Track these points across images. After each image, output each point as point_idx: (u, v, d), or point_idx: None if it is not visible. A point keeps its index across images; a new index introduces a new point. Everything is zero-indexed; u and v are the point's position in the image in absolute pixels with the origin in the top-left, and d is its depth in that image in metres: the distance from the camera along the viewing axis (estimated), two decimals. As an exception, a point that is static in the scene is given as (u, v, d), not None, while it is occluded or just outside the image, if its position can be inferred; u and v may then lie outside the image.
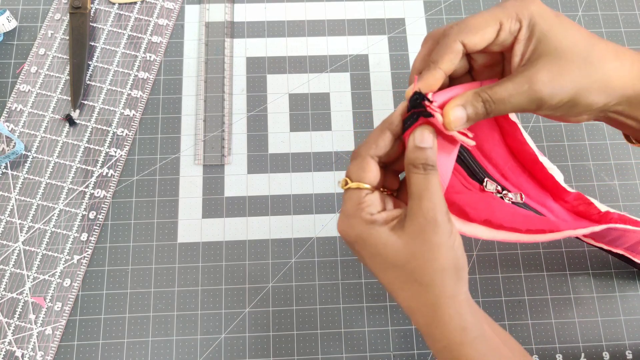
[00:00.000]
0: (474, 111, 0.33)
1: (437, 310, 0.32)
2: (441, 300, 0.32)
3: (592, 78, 0.33)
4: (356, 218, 0.33)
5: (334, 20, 0.62)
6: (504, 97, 0.33)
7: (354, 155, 0.35)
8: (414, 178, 0.33)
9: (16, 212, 0.53)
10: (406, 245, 0.32)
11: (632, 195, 0.56)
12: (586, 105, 0.33)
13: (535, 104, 0.33)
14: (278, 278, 0.53)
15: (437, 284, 0.32)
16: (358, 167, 0.34)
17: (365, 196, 0.34)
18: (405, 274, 0.33)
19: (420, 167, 0.33)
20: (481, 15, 0.34)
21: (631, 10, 0.64)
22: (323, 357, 0.51)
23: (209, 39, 0.60)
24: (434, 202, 0.32)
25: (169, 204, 0.55)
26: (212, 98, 0.58)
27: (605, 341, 0.52)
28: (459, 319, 0.32)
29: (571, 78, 0.32)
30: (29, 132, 0.56)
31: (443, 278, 0.32)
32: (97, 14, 0.60)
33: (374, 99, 0.59)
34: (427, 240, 0.32)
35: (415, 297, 0.33)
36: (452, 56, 0.34)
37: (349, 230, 0.34)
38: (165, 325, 0.51)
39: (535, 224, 0.40)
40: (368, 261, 0.34)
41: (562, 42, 0.33)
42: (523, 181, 0.43)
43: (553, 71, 0.32)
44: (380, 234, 0.33)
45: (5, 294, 0.51)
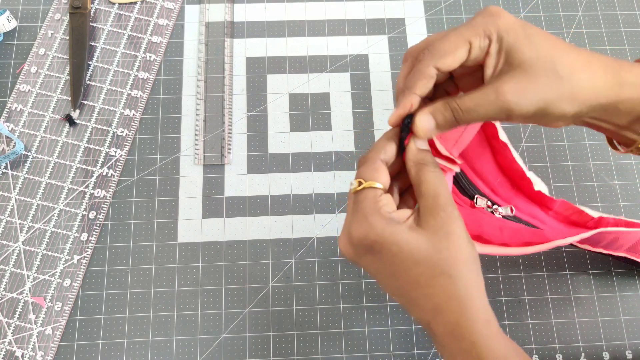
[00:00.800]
0: (443, 119, 0.35)
1: (465, 302, 0.32)
2: (470, 291, 0.32)
3: (560, 89, 0.33)
4: (375, 216, 0.33)
5: (334, 20, 0.62)
6: (471, 106, 0.34)
7: (363, 160, 0.36)
8: (427, 175, 0.34)
9: (16, 212, 0.53)
10: (429, 239, 0.33)
11: (632, 195, 0.56)
12: (557, 115, 0.34)
13: (504, 113, 0.33)
14: (278, 278, 0.53)
15: (464, 275, 0.32)
16: (371, 169, 0.35)
17: (380, 195, 0.34)
18: (430, 269, 0.32)
19: (430, 165, 0.34)
20: (450, 38, 0.35)
21: (631, 10, 0.64)
22: (323, 357, 0.51)
23: (209, 39, 0.60)
24: (449, 198, 0.33)
25: (169, 204, 0.55)
26: (212, 98, 0.58)
27: (605, 341, 0.52)
28: (484, 312, 0.33)
29: (538, 89, 0.33)
30: (29, 132, 0.56)
31: (469, 269, 0.33)
32: (97, 14, 0.60)
33: (374, 99, 0.59)
34: (450, 233, 0.33)
35: (443, 291, 0.32)
36: (425, 81, 0.35)
37: (368, 230, 0.33)
38: (165, 325, 0.51)
39: (524, 237, 0.40)
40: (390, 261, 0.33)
41: (528, 55, 0.33)
42: (512, 195, 0.44)
43: (520, 82, 0.33)
44: (402, 231, 0.33)
45: (5, 294, 0.51)
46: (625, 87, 0.33)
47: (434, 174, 0.34)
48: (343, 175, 0.56)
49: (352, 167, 0.56)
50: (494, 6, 0.35)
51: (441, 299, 0.33)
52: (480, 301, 0.33)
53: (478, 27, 0.34)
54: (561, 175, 0.57)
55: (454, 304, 0.32)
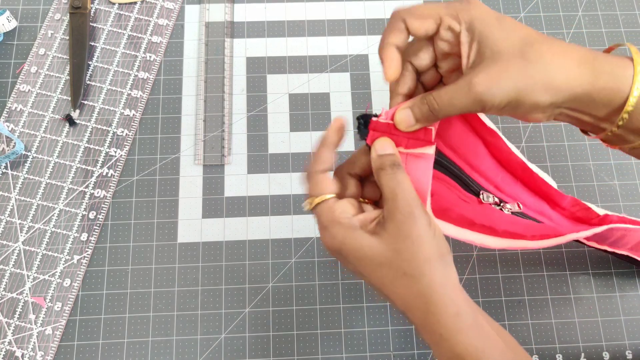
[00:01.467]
0: (420, 112, 0.35)
1: (430, 299, 0.33)
2: (433, 288, 0.33)
3: (533, 78, 0.33)
4: (334, 226, 0.35)
5: (334, 20, 0.62)
6: (446, 100, 0.34)
7: (304, 178, 0.37)
8: (384, 179, 0.35)
9: (16, 212, 0.53)
10: (389, 243, 0.34)
11: (632, 195, 0.56)
12: (532, 105, 0.34)
13: (478, 105, 0.34)
14: (278, 278, 0.53)
15: (426, 274, 0.33)
16: (312, 184, 0.36)
17: (334, 204, 0.35)
18: (393, 271, 0.34)
19: (387, 168, 0.35)
20: (426, 6, 0.36)
21: (631, 10, 0.64)
22: (323, 357, 0.51)
23: (209, 39, 0.60)
24: (407, 198, 0.34)
25: (169, 204, 0.55)
26: (212, 98, 0.58)
27: (605, 341, 0.52)
28: (452, 305, 0.33)
29: (509, 79, 0.33)
30: (29, 132, 0.56)
31: (431, 267, 0.33)
32: (97, 14, 0.60)
33: (374, 99, 0.59)
34: (408, 234, 0.33)
35: (408, 290, 0.34)
36: (397, 33, 0.36)
37: (331, 240, 0.35)
38: (165, 325, 0.51)
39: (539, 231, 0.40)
40: (357, 266, 0.35)
41: (500, 44, 0.33)
42: (518, 191, 0.44)
43: (491, 73, 0.33)
44: (362, 237, 0.34)
45: (5, 294, 0.51)
46: (601, 76, 0.33)
47: (391, 176, 0.35)
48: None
49: (352, 167, 0.56)
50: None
51: (408, 298, 0.34)
52: (447, 296, 0.33)
53: (452, 9, 0.35)
54: (561, 175, 0.57)
55: (419, 301, 0.33)
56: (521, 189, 0.44)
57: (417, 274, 0.33)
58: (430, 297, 0.33)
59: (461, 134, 0.42)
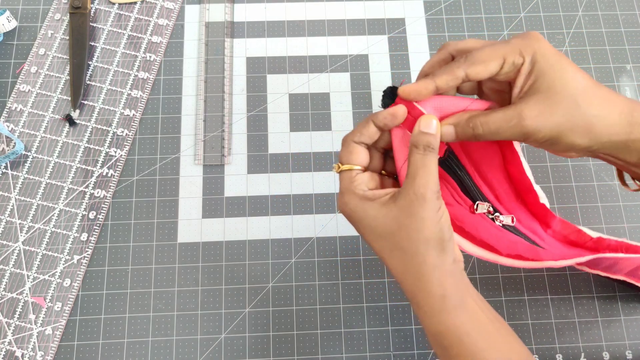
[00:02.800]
0: (462, 132, 0.37)
1: (421, 278, 0.35)
2: (424, 268, 0.35)
3: (576, 121, 0.35)
4: (349, 194, 0.37)
5: (334, 20, 0.62)
6: (493, 128, 0.36)
7: (342, 141, 0.39)
8: (413, 157, 0.36)
9: (16, 212, 0.53)
10: (395, 217, 0.36)
11: (632, 195, 0.56)
12: (568, 144, 0.36)
13: (522, 136, 0.36)
14: (278, 278, 0.53)
15: (421, 253, 0.35)
16: (346, 152, 0.38)
17: (355, 175, 0.38)
18: (392, 243, 0.36)
19: (420, 148, 0.36)
20: (487, 50, 0.37)
21: (631, 10, 0.64)
22: (323, 357, 0.51)
23: (209, 39, 0.60)
24: (426, 180, 0.35)
25: (169, 204, 0.55)
26: (212, 98, 0.58)
27: (605, 341, 0.52)
28: (439, 287, 0.35)
29: (556, 117, 0.35)
30: (29, 132, 0.56)
31: (427, 248, 0.35)
32: (97, 14, 0.60)
33: (374, 99, 0.59)
34: (414, 213, 0.35)
35: (402, 264, 0.36)
36: (450, 79, 0.37)
37: (344, 206, 0.37)
38: (165, 325, 0.51)
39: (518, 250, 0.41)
40: (362, 232, 0.37)
41: (556, 82, 0.35)
42: (515, 206, 0.44)
43: (541, 109, 0.35)
44: (370, 207, 0.36)
45: (5, 294, 0.51)
46: (636, 127, 0.36)
47: (419, 156, 0.36)
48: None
49: (352, 167, 0.56)
50: (536, 32, 0.37)
51: (400, 271, 0.36)
52: (436, 278, 0.35)
53: (515, 46, 0.36)
54: (561, 175, 0.57)
55: (410, 277, 0.36)
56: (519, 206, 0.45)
57: (412, 251, 0.35)
58: (422, 276, 0.35)
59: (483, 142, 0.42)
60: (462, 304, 0.35)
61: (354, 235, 0.54)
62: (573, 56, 0.61)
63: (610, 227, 0.55)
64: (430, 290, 0.35)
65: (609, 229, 0.55)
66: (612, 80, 0.60)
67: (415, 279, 0.35)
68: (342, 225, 0.55)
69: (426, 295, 0.35)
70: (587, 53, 0.61)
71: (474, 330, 0.35)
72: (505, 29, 0.62)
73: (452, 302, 0.35)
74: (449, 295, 0.35)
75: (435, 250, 0.35)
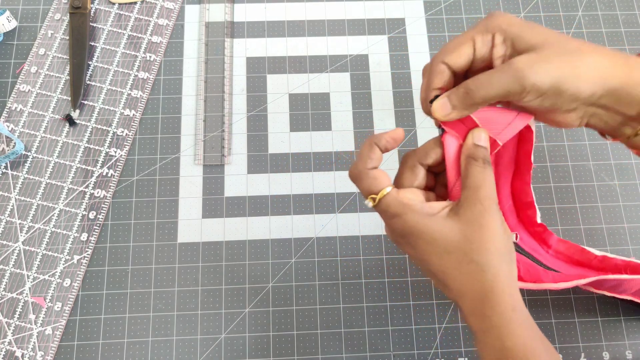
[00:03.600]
0: (456, 98, 0.36)
1: (492, 290, 0.34)
2: (498, 279, 0.34)
3: (575, 65, 0.33)
4: (407, 212, 0.36)
5: (334, 20, 0.62)
6: (484, 81, 0.34)
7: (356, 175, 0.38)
8: (473, 170, 0.36)
9: (16, 212, 0.53)
10: (462, 230, 0.35)
11: (632, 195, 0.56)
12: (573, 94, 0.34)
13: (518, 84, 0.33)
14: (278, 278, 0.53)
15: (494, 265, 0.34)
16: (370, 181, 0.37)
17: (400, 194, 0.36)
18: (460, 256, 0.34)
19: (479, 160, 0.36)
20: (456, 38, 0.37)
21: (631, 10, 0.64)
22: (323, 357, 0.51)
23: (209, 39, 0.60)
24: (489, 192, 0.35)
25: (169, 204, 0.55)
26: (212, 98, 0.58)
27: (605, 341, 0.52)
28: (511, 299, 0.34)
29: (554, 64, 0.33)
30: (29, 132, 0.56)
31: (500, 260, 0.34)
32: (97, 14, 0.60)
33: (374, 99, 0.59)
34: (483, 225, 0.34)
35: (470, 277, 0.34)
36: (439, 76, 0.37)
37: (403, 225, 0.36)
38: (165, 325, 0.51)
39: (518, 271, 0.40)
40: (424, 248, 0.36)
41: (537, 38, 0.34)
42: (516, 223, 0.44)
43: (535, 58, 0.33)
44: (434, 221, 0.35)
45: (5, 294, 0.51)
46: (635, 70, 0.34)
47: (480, 169, 0.35)
48: (343, 175, 0.56)
49: (352, 167, 0.56)
50: (497, 10, 0.36)
51: (467, 284, 0.35)
52: (509, 289, 0.34)
53: (480, 26, 0.36)
54: (561, 175, 0.57)
55: (478, 288, 0.34)
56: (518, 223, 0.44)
57: (485, 262, 0.34)
58: (493, 287, 0.34)
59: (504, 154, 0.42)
60: (529, 321, 0.35)
61: (354, 235, 0.54)
62: (573, 56, 0.61)
63: (610, 227, 0.55)
64: (503, 301, 0.34)
65: (609, 229, 0.55)
66: (612, 80, 0.60)
67: (486, 292, 0.34)
68: (342, 226, 0.55)
69: (497, 307, 0.34)
70: (587, 53, 0.61)
71: (538, 348, 0.34)
72: (505, 29, 0.62)
73: (522, 316, 0.34)
74: (520, 309, 0.34)
75: (506, 262, 0.35)
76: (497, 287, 0.34)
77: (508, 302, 0.34)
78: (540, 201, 0.56)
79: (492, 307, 0.34)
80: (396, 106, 0.59)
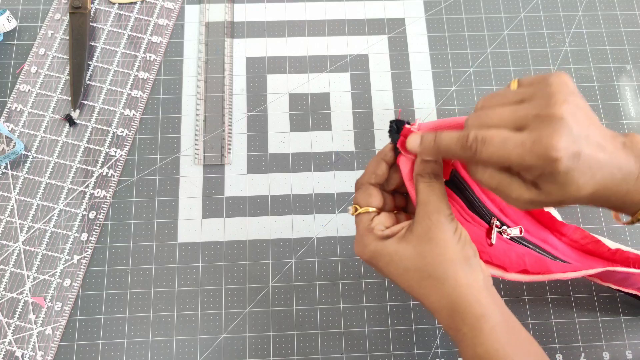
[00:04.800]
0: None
1: (456, 300, 0.34)
2: (458, 289, 0.34)
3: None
4: (367, 235, 0.37)
5: (334, 20, 0.62)
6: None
7: (358, 184, 0.39)
8: (420, 186, 0.37)
9: (16, 212, 0.53)
10: (415, 247, 0.35)
11: (632, 195, 0.56)
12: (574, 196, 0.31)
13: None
14: (278, 278, 0.53)
15: (451, 275, 0.34)
16: (364, 194, 0.38)
17: (373, 217, 0.38)
18: (419, 273, 0.35)
19: (426, 176, 0.37)
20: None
21: (631, 10, 0.64)
22: (323, 357, 0.51)
23: (209, 39, 0.60)
24: (437, 206, 0.35)
25: (169, 204, 0.55)
26: (212, 98, 0.58)
27: (605, 341, 0.52)
28: (477, 306, 0.34)
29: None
30: (29, 132, 0.56)
31: (455, 269, 0.34)
32: (97, 14, 0.60)
33: (374, 99, 0.59)
34: (433, 238, 0.35)
35: (434, 291, 0.35)
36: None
37: (363, 249, 0.37)
38: (165, 325, 0.51)
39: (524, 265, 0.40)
40: (386, 271, 0.37)
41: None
42: (521, 216, 0.44)
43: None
44: (390, 244, 0.36)
45: (5, 294, 0.51)
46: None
47: (426, 185, 0.36)
48: (343, 175, 0.56)
49: (352, 167, 0.56)
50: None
51: (434, 299, 0.35)
52: (473, 297, 0.34)
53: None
54: (561, 175, 0.57)
55: (444, 301, 0.35)
56: (524, 216, 0.44)
57: (442, 275, 0.34)
58: (456, 298, 0.34)
59: None
60: (502, 320, 0.34)
61: (353, 235, 0.54)
62: (573, 56, 0.61)
63: (610, 227, 0.55)
64: (469, 310, 0.34)
65: (609, 229, 0.55)
66: (612, 81, 0.60)
67: (452, 303, 0.34)
68: (342, 226, 0.55)
69: (464, 317, 0.34)
70: (587, 53, 0.61)
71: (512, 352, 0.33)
72: (505, 29, 0.62)
73: (492, 322, 0.34)
74: (488, 314, 0.34)
75: (464, 269, 0.35)
76: (460, 297, 0.34)
77: (475, 310, 0.34)
78: (540, 201, 0.56)
79: (461, 319, 0.34)
80: (396, 106, 0.59)
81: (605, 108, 0.59)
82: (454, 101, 0.59)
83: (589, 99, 0.59)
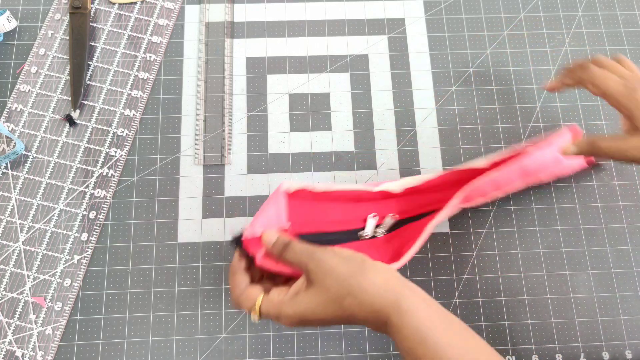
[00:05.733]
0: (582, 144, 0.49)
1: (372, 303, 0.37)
2: (359, 300, 0.37)
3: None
4: (284, 308, 0.40)
5: (334, 20, 0.62)
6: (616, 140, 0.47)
7: (235, 301, 0.42)
8: (289, 258, 0.41)
9: (16, 212, 0.53)
10: (319, 287, 0.38)
11: (632, 195, 0.56)
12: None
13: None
14: (278, 278, 0.53)
15: (343, 294, 0.37)
16: (245, 301, 0.41)
17: (268, 298, 0.41)
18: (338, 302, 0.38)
19: (282, 250, 0.41)
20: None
21: (631, 10, 0.64)
22: (323, 357, 0.51)
23: (209, 39, 0.60)
24: (309, 252, 0.40)
25: (169, 204, 0.55)
26: (212, 98, 0.58)
27: (605, 341, 0.52)
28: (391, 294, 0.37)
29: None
30: (29, 132, 0.56)
31: (357, 280, 0.38)
32: (97, 14, 0.60)
33: (374, 99, 0.59)
34: (325, 271, 0.39)
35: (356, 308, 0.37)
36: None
37: (290, 319, 0.40)
38: (165, 325, 0.51)
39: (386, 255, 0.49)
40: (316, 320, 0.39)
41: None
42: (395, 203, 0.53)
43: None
44: (301, 299, 0.39)
45: (6, 294, 0.51)
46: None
47: (290, 253, 0.41)
48: (343, 175, 0.56)
49: (352, 167, 0.56)
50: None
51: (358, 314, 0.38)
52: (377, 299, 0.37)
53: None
54: (561, 175, 0.57)
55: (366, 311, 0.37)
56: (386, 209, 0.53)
57: (352, 291, 0.37)
58: (362, 309, 0.37)
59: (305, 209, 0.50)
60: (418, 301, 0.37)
61: (354, 235, 0.54)
62: (573, 56, 0.61)
63: (610, 227, 0.55)
64: (380, 316, 0.37)
65: (609, 229, 0.55)
66: (612, 80, 0.60)
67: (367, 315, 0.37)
68: (342, 225, 0.55)
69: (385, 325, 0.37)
70: (587, 53, 0.61)
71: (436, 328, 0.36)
72: (505, 29, 0.62)
73: (406, 305, 0.37)
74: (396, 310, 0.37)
75: (362, 275, 0.38)
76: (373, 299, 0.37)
77: (384, 311, 0.37)
78: (541, 201, 0.56)
79: (383, 324, 0.37)
80: (396, 106, 0.59)
81: (605, 108, 0.59)
82: (453, 101, 0.59)
83: (589, 99, 0.59)
